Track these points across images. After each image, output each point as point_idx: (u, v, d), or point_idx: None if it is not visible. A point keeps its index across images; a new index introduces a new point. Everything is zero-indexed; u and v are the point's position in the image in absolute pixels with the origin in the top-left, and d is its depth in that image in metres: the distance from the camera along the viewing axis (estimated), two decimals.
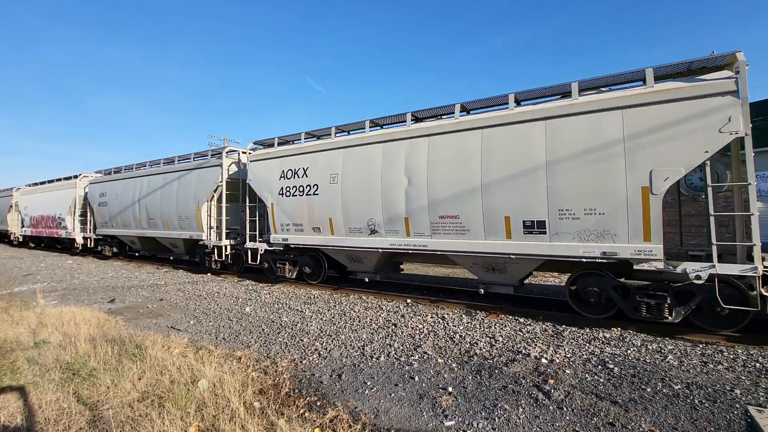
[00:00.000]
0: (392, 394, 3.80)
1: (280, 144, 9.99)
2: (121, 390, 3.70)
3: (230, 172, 11.17)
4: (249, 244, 10.32)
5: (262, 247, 9.92)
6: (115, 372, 4.05)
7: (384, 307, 7.27)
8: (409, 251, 7.62)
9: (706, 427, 3.12)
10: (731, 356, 4.58)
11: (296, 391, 3.89)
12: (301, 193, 8.91)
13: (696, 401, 3.52)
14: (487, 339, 5.40)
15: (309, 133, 9.51)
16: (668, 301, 5.40)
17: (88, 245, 17.15)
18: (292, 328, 6.09)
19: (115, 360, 4.38)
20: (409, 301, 7.74)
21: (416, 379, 4.14)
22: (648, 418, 3.26)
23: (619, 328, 5.68)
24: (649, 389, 3.78)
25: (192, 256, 13.35)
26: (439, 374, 4.25)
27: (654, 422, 3.21)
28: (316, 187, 8.66)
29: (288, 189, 9.15)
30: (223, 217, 11.08)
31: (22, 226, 21.59)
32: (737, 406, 3.43)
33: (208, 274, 11.84)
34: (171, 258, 14.10)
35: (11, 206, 22.64)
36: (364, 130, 8.42)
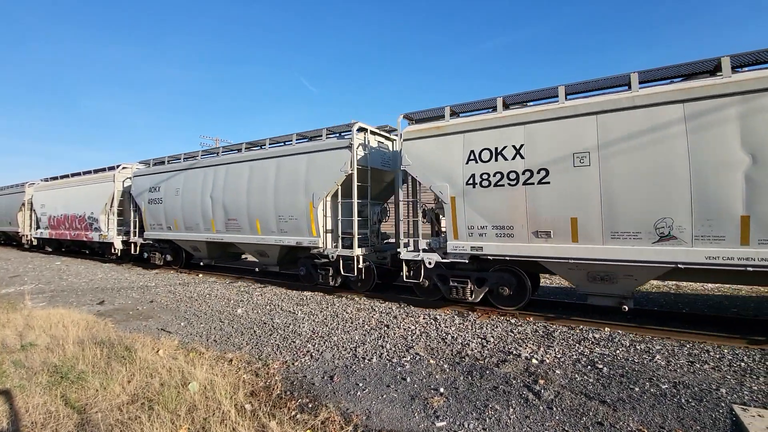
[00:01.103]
0: (384, 396, 3.81)
1: (452, 115, 7.15)
2: (110, 393, 3.66)
3: (358, 157, 8.33)
4: (409, 254, 7.44)
5: (432, 258, 7.16)
6: (104, 375, 4.01)
7: (377, 309, 7.27)
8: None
9: (693, 426, 3.18)
10: (717, 356, 4.67)
11: (288, 392, 3.88)
12: (512, 182, 6.29)
13: (683, 400, 3.58)
14: (479, 340, 5.43)
15: (514, 96, 6.72)
16: None
17: (133, 251, 13.90)
18: (284, 330, 6.07)
19: (104, 363, 4.33)
20: (401, 302, 7.76)
21: (408, 380, 4.15)
22: (636, 418, 3.31)
23: (609, 329, 5.76)
24: (637, 389, 3.83)
25: (286, 268, 10.40)
26: (430, 375, 4.27)
27: (642, 421, 3.25)
28: (544, 172, 6.04)
29: (485, 176, 6.51)
30: (355, 218, 8.14)
31: (38, 227, 18.71)
32: (723, 404, 3.49)
33: (201, 275, 11.72)
34: (256, 270, 10.87)
35: (23, 204, 19.68)
36: (630, 89, 5.64)
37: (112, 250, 14.57)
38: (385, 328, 6.02)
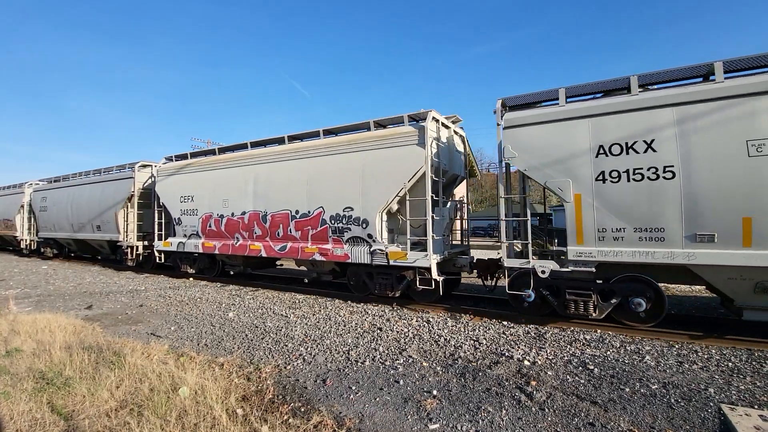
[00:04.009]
0: (377, 399, 3.79)
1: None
2: (98, 399, 3.59)
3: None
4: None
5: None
6: (92, 380, 3.93)
7: (369, 311, 7.26)
8: None
9: (682, 425, 3.22)
10: (705, 356, 4.74)
11: (280, 397, 3.85)
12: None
13: (672, 400, 3.63)
14: (472, 342, 5.44)
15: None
16: None
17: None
18: (276, 334, 6.02)
19: (92, 368, 4.25)
20: (394, 304, 7.75)
21: (401, 382, 4.14)
22: (627, 418, 3.34)
23: (600, 330, 5.81)
24: (627, 389, 3.87)
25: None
26: (423, 378, 4.27)
27: (632, 421, 3.29)
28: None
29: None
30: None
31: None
32: (711, 404, 3.55)
33: (191, 279, 11.59)
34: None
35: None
36: None
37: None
38: (378, 331, 6.01)
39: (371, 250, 7.71)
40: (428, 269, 7.08)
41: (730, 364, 4.50)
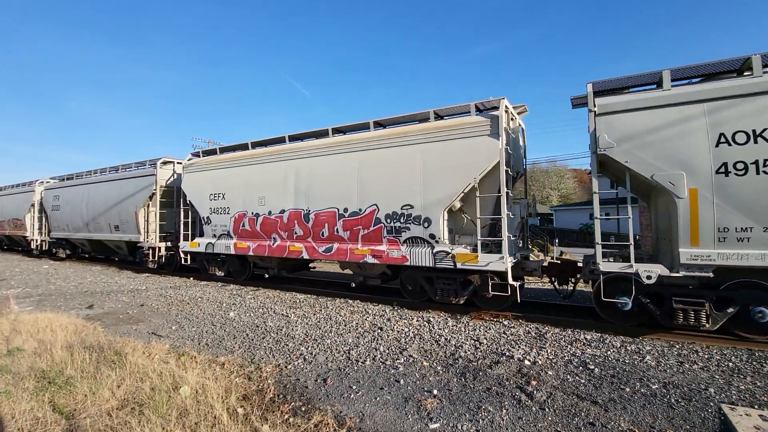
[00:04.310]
0: (378, 398, 3.80)
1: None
2: (99, 398, 3.60)
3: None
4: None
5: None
6: (93, 380, 3.94)
7: (370, 311, 7.26)
8: None
9: (682, 425, 3.22)
10: (706, 356, 4.74)
11: (281, 396, 3.86)
12: None
13: (672, 400, 3.63)
14: (472, 342, 5.45)
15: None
16: None
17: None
18: (277, 333, 6.03)
19: (93, 367, 4.26)
20: (395, 304, 7.75)
21: (401, 382, 4.15)
22: (627, 418, 3.34)
23: (600, 331, 5.81)
24: (627, 389, 3.87)
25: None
26: (424, 377, 4.27)
27: (632, 421, 3.29)
28: None
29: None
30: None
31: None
32: (711, 404, 3.55)
33: (191, 278, 11.60)
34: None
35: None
36: None
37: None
38: (379, 331, 6.02)
39: (434, 251, 7.04)
40: (502, 273, 6.47)
41: (730, 364, 4.50)
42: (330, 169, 8.42)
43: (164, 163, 12.59)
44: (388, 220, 7.59)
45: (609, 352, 4.92)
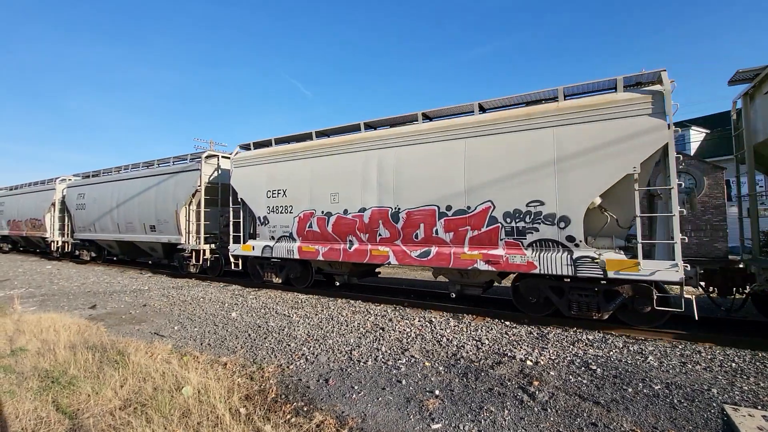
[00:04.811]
0: (379, 398, 3.80)
1: None
2: (102, 398, 3.62)
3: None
4: None
5: None
6: (96, 379, 3.96)
7: (372, 311, 7.27)
8: None
9: (685, 426, 3.21)
10: (709, 357, 4.72)
11: (283, 396, 3.86)
12: None
13: (675, 401, 3.62)
14: (474, 342, 5.44)
15: None
16: None
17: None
18: (279, 333, 6.04)
19: (96, 367, 4.28)
20: (396, 305, 7.75)
21: (403, 382, 4.15)
22: (629, 418, 3.33)
23: (603, 331, 5.80)
24: (630, 390, 3.86)
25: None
26: (426, 377, 4.27)
27: (635, 422, 3.28)
28: None
29: None
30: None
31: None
32: (714, 405, 3.53)
33: (193, 279, 11.63)
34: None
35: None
36: None
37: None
38: (381, 331, 6.02)
39: (573, 257, 5.90)
40: (677, 284, 5.42)
41: (733, 364, 4.48)
42: (425, 161, 7.29)
43: (208, 156, 11.55)
44: (508, 220, 6.44)
45: (611, 353, 4.91)
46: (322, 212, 8.51)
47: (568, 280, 6.23)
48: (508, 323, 6.35)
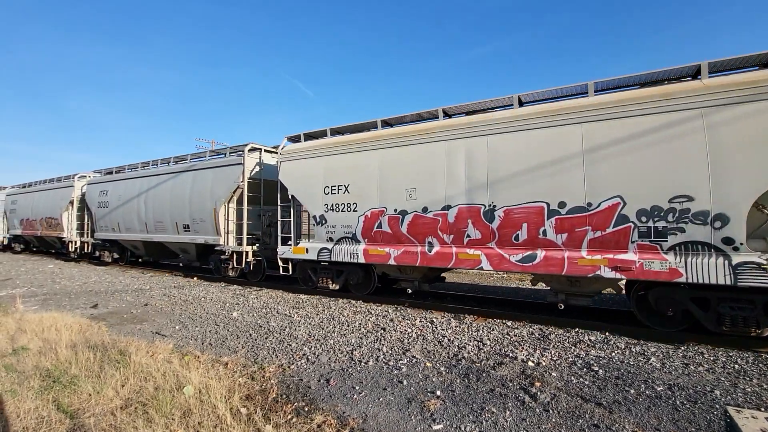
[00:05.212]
0: (380, 399, 3.79)
1: None
2: (103, 397, 3.62)
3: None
4: None
5: None
6: (97, 379, 3.96)
7: (373, 312, 7.26)
8: None
9: (687, 428, 3.19)
10: (711, 358, 4.70)
11: (284, 396, 3.86)
12: None
13: (678, 402, 3.60)
14: (475, 342, 5.43)
15: None
16: None
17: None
18: (280, 333, 6.04)
19: (98, 367, 4.29)
20: (398, 305, 7.74)
21: (405, 383, 4.14)
22: (631, 420, 3.32)
23: (606, 332, 5.78)
24: (632, 391, 3.84)
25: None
26: (427, 378, 4.26)
27: (637, 423, 3.26)
28: None
29: None
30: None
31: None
32: (717, 406, 3.51)
33: (195, 278, 11.63)
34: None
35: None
36: None
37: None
38: (382, 331, 6.01)
39: (733, 264, 4.96)
40: None
41: (736, 366, 4.46)
42: (527, 150, 6.28)
43: (251, 150, 10.51)
44: (643, 219, 5.48)
45: (613, 354, 4.89)
46: (395, 210, 7.47)
47: (714, 290, 5.26)
48: (509, 324, 6.33)
